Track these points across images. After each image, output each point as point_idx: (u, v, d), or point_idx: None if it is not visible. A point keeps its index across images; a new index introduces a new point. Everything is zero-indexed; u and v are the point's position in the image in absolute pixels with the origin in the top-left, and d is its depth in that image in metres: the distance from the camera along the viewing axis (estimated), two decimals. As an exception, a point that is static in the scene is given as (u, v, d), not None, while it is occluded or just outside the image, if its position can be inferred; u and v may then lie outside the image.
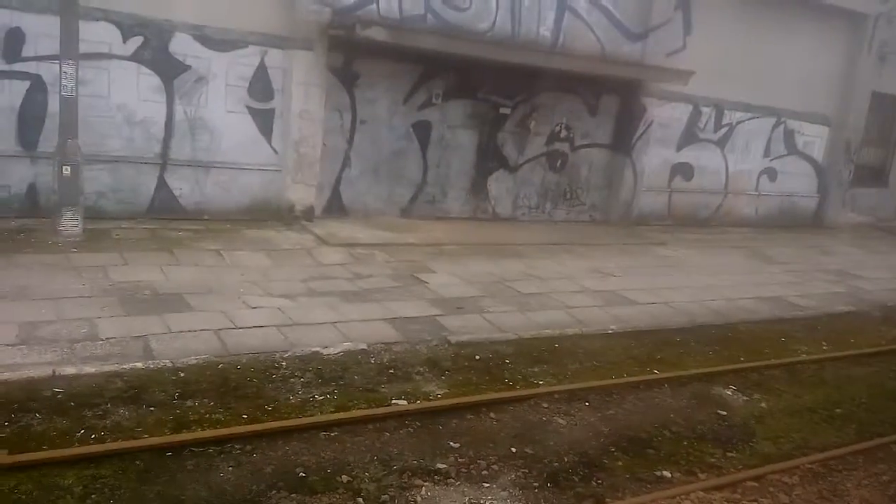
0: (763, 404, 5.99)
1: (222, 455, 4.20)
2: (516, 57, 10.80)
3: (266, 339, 5.93)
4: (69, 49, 7.63)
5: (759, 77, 13.95)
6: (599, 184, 13.16)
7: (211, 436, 4.34)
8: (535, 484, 4.34)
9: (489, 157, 11.85)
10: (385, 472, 4.25)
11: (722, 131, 14.17)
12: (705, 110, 13.76)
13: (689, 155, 13.88)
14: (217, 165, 9.55)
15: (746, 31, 13.46)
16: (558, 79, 11.69)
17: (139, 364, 5.16)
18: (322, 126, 10.00)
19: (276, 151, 9.90)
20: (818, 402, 6.19)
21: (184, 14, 8.91)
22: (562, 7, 11.52)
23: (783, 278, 10.69)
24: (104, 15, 8.45)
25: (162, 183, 9.27)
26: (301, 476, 4.10)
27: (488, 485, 4.27)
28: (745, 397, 6.09)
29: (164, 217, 9.14)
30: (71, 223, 7.87)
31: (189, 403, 4.75)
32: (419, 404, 5.15)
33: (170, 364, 5.24)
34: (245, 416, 4.68)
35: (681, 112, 13.45)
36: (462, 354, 6.21)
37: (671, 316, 8.04)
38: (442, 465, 4.40)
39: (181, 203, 9.42)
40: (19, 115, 8.29)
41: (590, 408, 5.49)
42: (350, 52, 10.06)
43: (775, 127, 14.90)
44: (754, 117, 14.48)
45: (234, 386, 5.08)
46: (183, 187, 9.40)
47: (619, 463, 4.73)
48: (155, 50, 8.88)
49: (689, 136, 13.76)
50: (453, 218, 11.64)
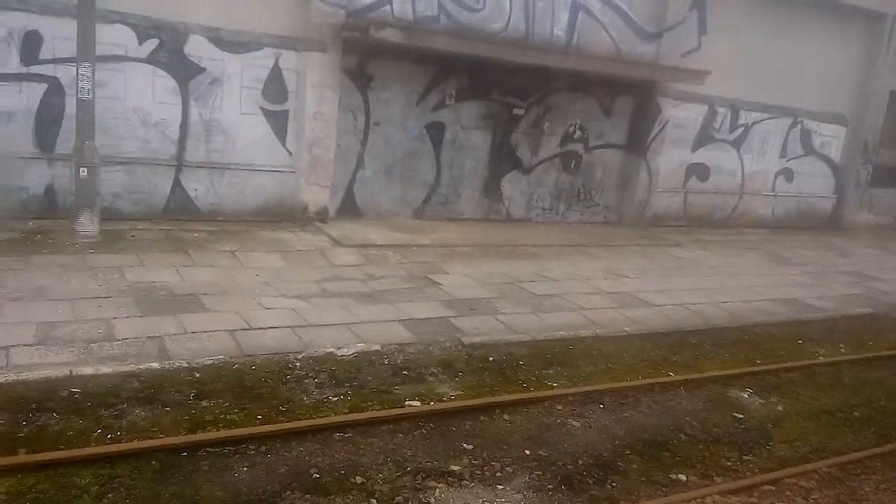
0: (780, 407, 5.93)
1: (237, 455, 4.21)
2: (530, 57, 10.78)
3: (280, 339, 5.94)
4: (86, 52, 7.70)
5: (776, 77, 13.84)
6: (614, 184, 13.10)
7: (226, 436, 4.36)
8: (550, 486, 4.32)
9: (503, 158, 11.83)
10: (398, 473, 4.25)
11: (738, 131, 14.07)
12: (721, 110, 13.67)
13: (704, 155, 13.79)
14: (232, 167, 9.61)
15: (762, 31, 13.37)
16: (572, 79, 11.66)
17: (155, 364, 5.19)
18: (336, 127, 10.03)
19: (290, 153, 9.94)
20: (836, 405, 6.12)
21: (199, 16, 8.98)
22: (576, 7, 11.50)
23: (800, 280, 10.58)
24: (120, 18, 8.53)
25: (177, 184, 9.34)
26: (315, 477, 4.10)
27: (502, 487, 4.25)
28: (761, 400, 6.03)
29: (180, 218, 9.22)
30: (88, 224, 7.94)
31: (204, 404, 4.78)
32: (433, 406, 5.14)
33: (185, 364, 5.26)
34: (260, 417, 4.70)
35: (696, 112, 13.37)
36: (475, 356, 6.19)
37: (686, 318, 7.98)
38: (455, 467, 4.39)
39: (196, 204, 9.49)
40: (37, 117, 8.39)
41: (604, 410, 5.45)
42: (364, 53, 10.08)
43: (792, 127, 14.77)
44: (771, 117, 14.37)
45: (249, 386, 5.10)
46: (198, 188, 9.47)
47: (634, 466, 4.69)
48: (170, 52, 8.95)
49: (705, 137, 13.67)
50: (467, 219, 11.64)
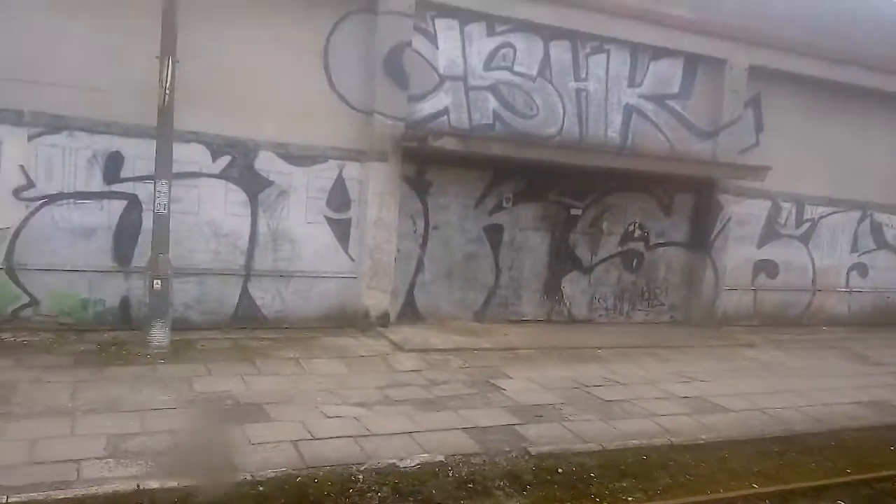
0: (882, 526, 5.42)
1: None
2: (584, 159, 10.94)
3: (343, 450, 5.83)
4: (164, 169, 8.18)
5: (841, 170, 13.60)
6: (678, 283, 12.82)
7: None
8: None
9: (562, 259, 11.79)
10: None
11: (804, 226, 13.72)
12: (785, 205, 13.41)
13: (771, 252, 13.43)
14: (297, 274, 9.85)
15: (821, 125, 13.28)
16: (629, 179, 11.72)
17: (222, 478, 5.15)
18: (396, 233, 10.24)
19: (352, 259, 10.16)
20: (945, 523, 5.56)
21: (268, 134, 9.50)
22: (628, 110, 11.72)
23: (884, 380, 9.91)
24: (196, 137, 9.09)
25: (245, 293, 9.60)
26: None
27: None
28: (859, 517, 5.53)
29: (247, 326, 9.42)
30: (159, 335, 8.17)
31: (267, 520, 4.67)
32: (501, 524, 4.89)
33: (249, 478, 5.20)
34: (323, 535, 4.55)
35: (759, 208, 13.15)
36: (544, 467, 5.93)
37: (766, 424, 7.51)
38: None
39: (263, 312, 9.70)
40: (116, 232, 8.87)
41: (686, 528, 5.08)
42: (423, 161, 10.42)
43: (861, 220, 14.32)
44: (838, 211, 14.00)
45: (312, 501, 4.98)
46: (265, 297, 9.71)
47: None
48: (241, 167, 9.44)
49: (770, 233, 13.36)
50: (528, 321, 11.50)
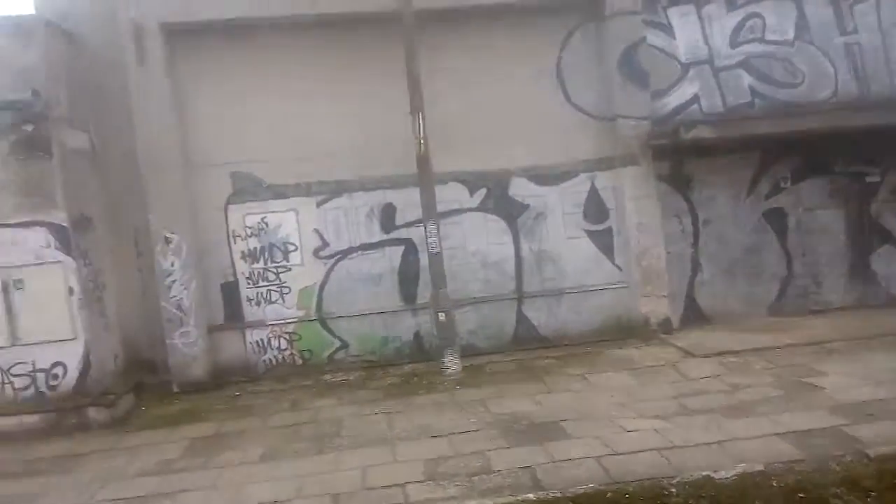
0: None
1: None
2: (872, 118, 9.44)
3: (649, 464, 5.58)
4: (430, 212, 8.80)
5: None
6: None
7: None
8: None
9: (866, 234, 10.27)
10: None
11: None
12: None
13: None
14: (566, 291, 9.86)
15: None
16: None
17: (531, 496, 5.22)
18: (662, 235, 9.77)
19: (619, 268, 9.90)
20: None
21: (518, 161, 9.75)
22: (917, 50, 9.96)
23: None
24: (453, 177, 9.63)
25: (521, 315, 9.84)
26: None
27: None
28: None
29: (527, 347, 9.61)
30: (451, 363, 8.71)
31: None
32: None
33: (559, 494, 5.20)
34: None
35: None
36: (888, 470, 5.08)
37: None
38: None
39: (540, 332, 9.84)
40: (399, 274, 9.68)
41: None
42: (678, 156, 9.87)
43: None
44: None
45: (629, 517, 4.80)
46: (539, 317, 9.85)
47: None
48: (496, 198, 9.79)
49: None
50: (834, 309, 10.17)
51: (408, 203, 9.49)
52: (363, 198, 9.62)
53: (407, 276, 9.69)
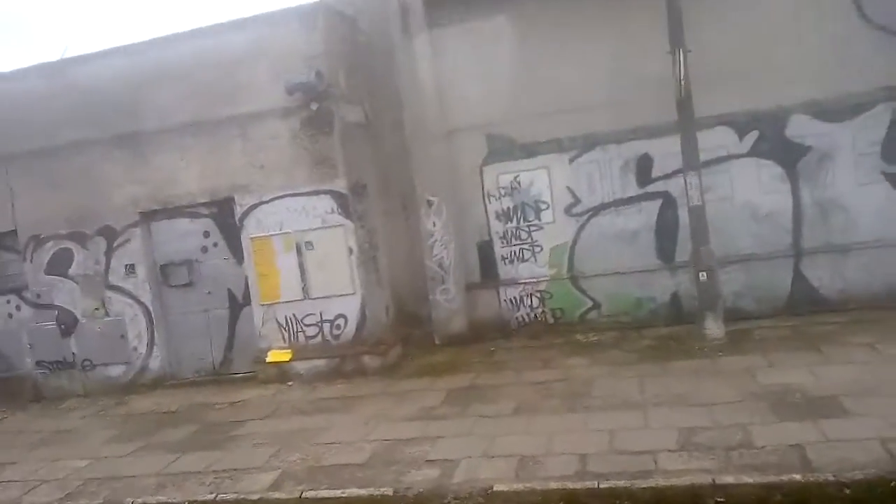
0: None
1: None
2: None
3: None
4: (691, 161, 8.10)
5: None
6: None
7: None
8: None
9: None
10: None
11: None
12: None
13: None
14: (856, 247, 8.52)
15: None
16: None
17: (797, 476, 4.68)
18: None
19: (928, 219, 8.23)
20: None
21: (796, 95, 8.53)
22: None
23: None
24: (718, 120, 8.73)
25: (798, 275, 8.76)
26: None
27: None
28: None
29: (805, 311, 8.51)
30: (713, 327, 8.04)
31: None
32: None
33: (832, 478, 4.59)
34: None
35: None
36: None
37: None
38: None
39: (822, 294, 8.69)
40: (655, 231, 9.18)
41: None
42: None
43: None
44: None
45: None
46: (821, 276, 8.68)
47: None
48: (771, 140, 8.71)
49: None
50: None
51: (666, 153, 8.84)
52: (617, 150, 9.23)
53: (664, 233, 9.14)
